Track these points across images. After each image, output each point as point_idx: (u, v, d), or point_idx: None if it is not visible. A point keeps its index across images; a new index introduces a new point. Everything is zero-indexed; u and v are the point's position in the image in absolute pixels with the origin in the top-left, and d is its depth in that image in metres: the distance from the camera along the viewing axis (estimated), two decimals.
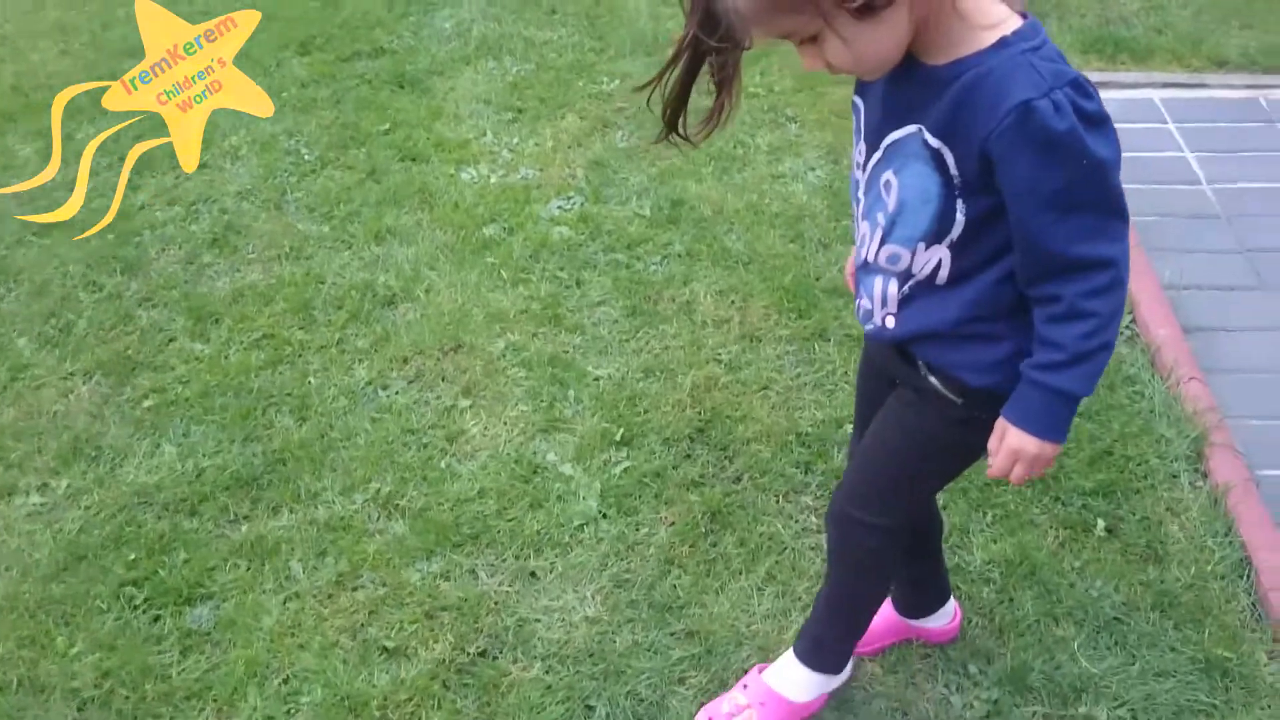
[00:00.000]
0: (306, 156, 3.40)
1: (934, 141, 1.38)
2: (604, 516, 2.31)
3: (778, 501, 2.35)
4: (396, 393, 2.61)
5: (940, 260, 1.45)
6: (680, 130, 1.42)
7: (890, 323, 1.56)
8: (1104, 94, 1.34)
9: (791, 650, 1.95)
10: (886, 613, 2.04)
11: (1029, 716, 1.97)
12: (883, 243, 1.49)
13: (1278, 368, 2.66)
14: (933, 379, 1.57)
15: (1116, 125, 1.35)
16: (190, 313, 2.81)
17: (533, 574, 2.22)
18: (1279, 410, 2.54)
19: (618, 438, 2.47)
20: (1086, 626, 2.11)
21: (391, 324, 2.80)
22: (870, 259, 1.53)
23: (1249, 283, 2.91)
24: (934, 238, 1.43)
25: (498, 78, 3.74)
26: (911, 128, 1.40)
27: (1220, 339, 2.73)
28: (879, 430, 1.72)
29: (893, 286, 1.52)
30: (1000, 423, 1.50)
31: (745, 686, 1.97)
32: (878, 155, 1.47)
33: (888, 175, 1.45)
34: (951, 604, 2.07)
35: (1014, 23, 1.34)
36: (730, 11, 1.27)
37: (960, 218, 1.40)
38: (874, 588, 1.90)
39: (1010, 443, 1.48)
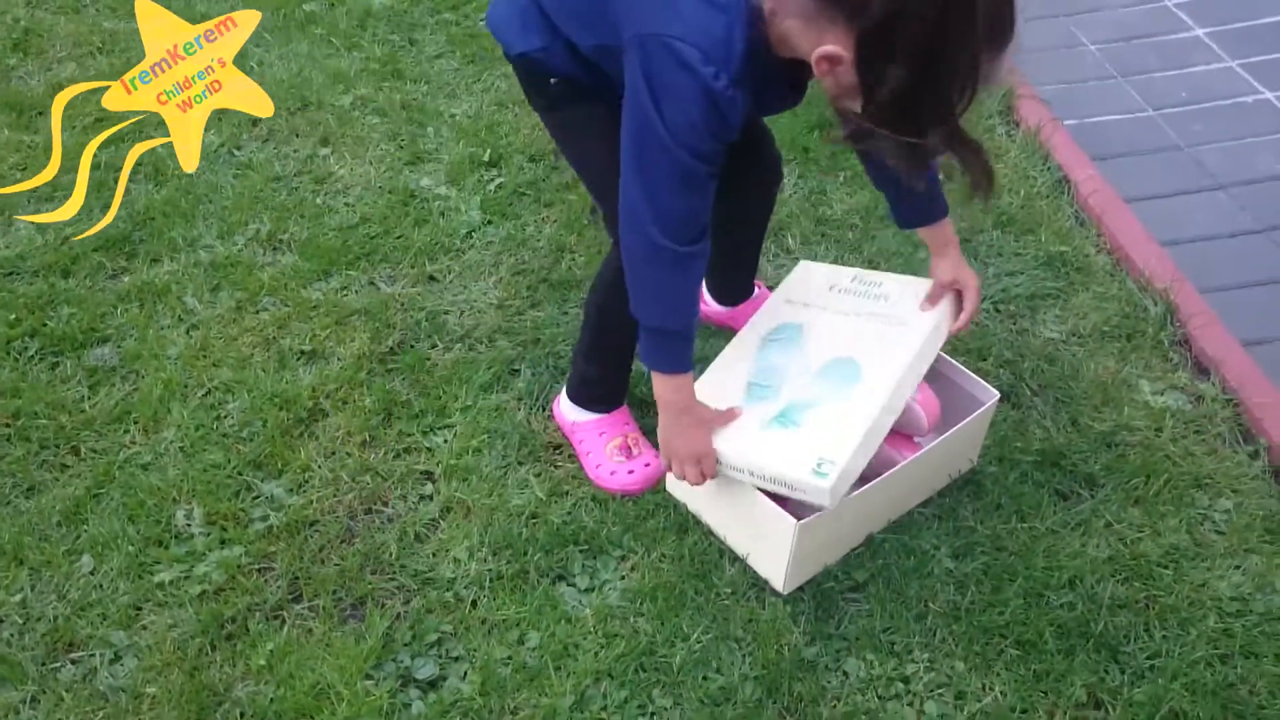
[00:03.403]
0: None
1: None
2: (489, 223, 2.39)
3: None
4: (252, 151, 2.59)
5: None
6: None
7: None
8: None
9: None
10: None
11: None
12: None
13: (1048, 46, 2.97)
14: None
15: None
16: (9, 108, 2.68)
17: (432, 277, 2.28)
18: (1063, 77, 2.85)
19: (486, 159, 2.54)
20: None
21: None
22: None
23: None
24: None
25: None
26: None
27: None
28: None
29: None
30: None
31: None
32: None
33: None
34: None
35: None
36: None
37: None
38: None
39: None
